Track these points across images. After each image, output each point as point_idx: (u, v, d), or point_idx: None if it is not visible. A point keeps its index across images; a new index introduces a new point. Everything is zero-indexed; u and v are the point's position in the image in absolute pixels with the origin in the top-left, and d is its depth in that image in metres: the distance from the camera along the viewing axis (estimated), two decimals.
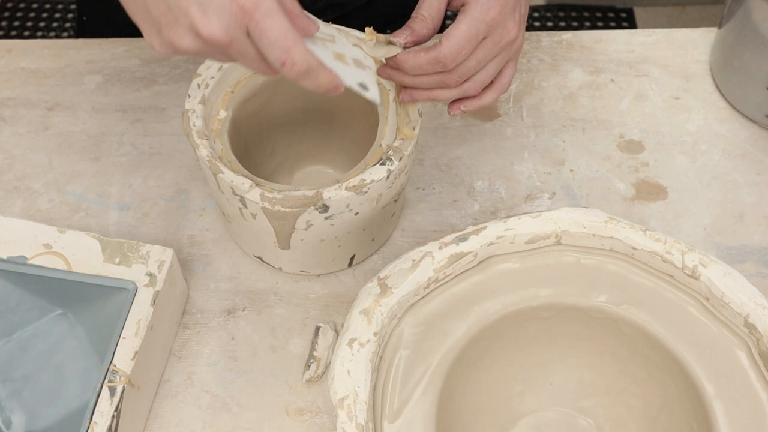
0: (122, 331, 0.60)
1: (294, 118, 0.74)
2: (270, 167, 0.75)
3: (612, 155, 0.79)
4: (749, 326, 0.56)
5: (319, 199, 0.61)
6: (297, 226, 0.63)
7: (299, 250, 0.67)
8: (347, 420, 0.52)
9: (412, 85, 0.62)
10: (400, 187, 0.67)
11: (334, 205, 0.61)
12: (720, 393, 0.55)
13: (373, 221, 0.67)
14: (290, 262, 0.69)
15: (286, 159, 0.77)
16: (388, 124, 0.65)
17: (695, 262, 0.58)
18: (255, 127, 0.71)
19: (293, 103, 0.72)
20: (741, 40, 0.78)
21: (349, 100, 0.68)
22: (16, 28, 2.00)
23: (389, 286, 0.57)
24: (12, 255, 0.64)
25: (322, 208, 0.61)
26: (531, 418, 0.62)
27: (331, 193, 0.61)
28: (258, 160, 0.73)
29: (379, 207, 0.65)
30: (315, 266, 0.70)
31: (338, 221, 0.64)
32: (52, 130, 0.81)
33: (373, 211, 0.65)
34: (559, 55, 0.87)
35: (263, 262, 0.71)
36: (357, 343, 0.55)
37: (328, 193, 0.61)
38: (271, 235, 0.65)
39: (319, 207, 0.61)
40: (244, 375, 0.67)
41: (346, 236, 0.66)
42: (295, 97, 0.72)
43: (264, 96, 0.70)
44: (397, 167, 0.62)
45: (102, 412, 0.57)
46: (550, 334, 0.61)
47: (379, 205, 0.65)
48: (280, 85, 0.70)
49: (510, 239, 0.60)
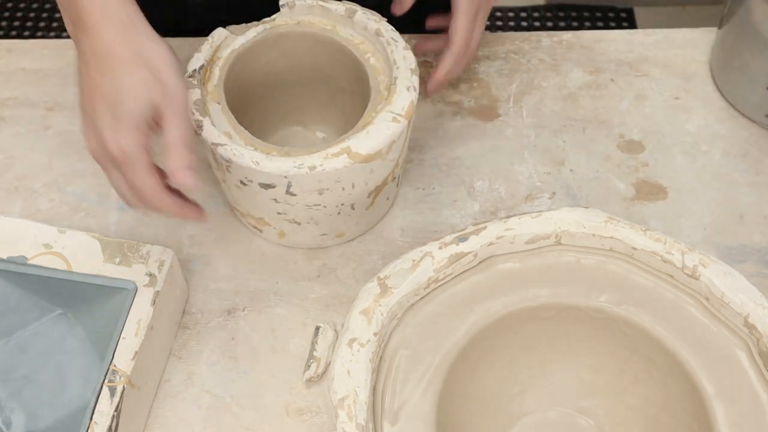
0: (122, 331, 0.60)
1: (277, 78, 0.74)
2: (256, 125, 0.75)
3: (612, 155, 0.79)
4: (749, 326, 0.56)
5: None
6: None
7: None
8: (347, 420, 0.52)
9: (438, 78, 0.75)
10: (397, 155, 0.67)
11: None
12: (720, 393, 0.55)
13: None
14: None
15: (267, 121, 0.77)
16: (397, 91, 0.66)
17: (695, 262, 0.58)
18: (234, 96, 0.72)
19: (283, 62, 0.73)
20: (741, 40, 0.78)
21: (340, 63, 0.71)
22: (16, 28, 2.00)
23: (389, 286, 0.57)
24: (12, 255, 0.64)
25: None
26: (531, 418, 0.62)
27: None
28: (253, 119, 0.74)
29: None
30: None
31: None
32: (52, 130, 0.81)
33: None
34: (559, 55, 0.87)
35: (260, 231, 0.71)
36: (357, 343, 0.55)
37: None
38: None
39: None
40: (244, 375, 0.67)
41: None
42: (288, 57, 0.73)
43: (255, 55, 0.71)
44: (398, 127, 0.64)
45: (102, 412, 0.57)
46: (550, 334, 0.61)
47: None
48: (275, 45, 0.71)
49: (510, 239, 0.60)
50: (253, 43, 0.70)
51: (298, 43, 0.72)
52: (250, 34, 0.71)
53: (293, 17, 0.71)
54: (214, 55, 0.69)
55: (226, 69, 0.68)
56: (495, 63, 0.86)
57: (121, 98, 0.55)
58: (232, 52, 0.70)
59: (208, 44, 0.69)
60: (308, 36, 0.71)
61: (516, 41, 0.88)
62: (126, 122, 0.55)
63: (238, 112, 0.68)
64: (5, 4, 2.04)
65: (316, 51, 0.72)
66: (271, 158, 0.62)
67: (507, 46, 0.87)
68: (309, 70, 0.74)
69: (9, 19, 2.02)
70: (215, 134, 0.64)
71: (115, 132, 0.55)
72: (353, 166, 0.63)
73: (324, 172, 0.62)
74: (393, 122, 0.64)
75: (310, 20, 0.71)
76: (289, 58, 0.73)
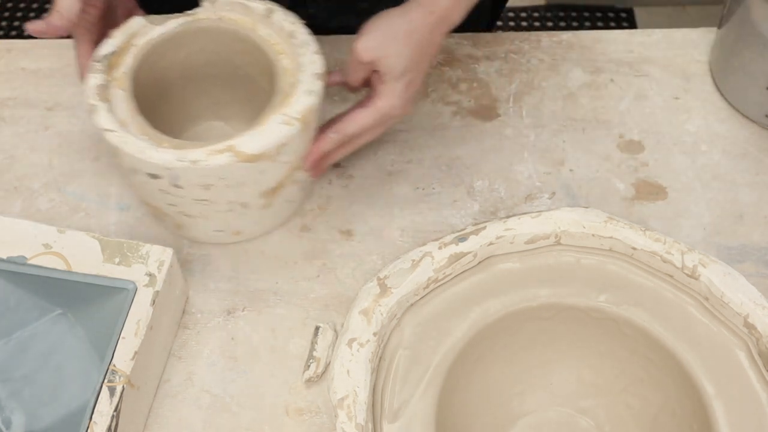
0: (122, 331, 0.60)
1: (197, 72, 0.74)
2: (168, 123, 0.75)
3: (612, 155, 0.79)
4: (749, 326, 0.56)
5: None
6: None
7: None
8: (347, 420, 0.52)
9: (319, 151, 0.68)
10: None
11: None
12: (720, 393, 0.55)
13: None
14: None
15: (185, 114, 0.77)
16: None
17: (695, 262, 0.58)
18: (151, 87, 0.72)
19: (197, 57, 0.73)
20: (741, 40, 0.78)
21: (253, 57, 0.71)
22: (16, 28, 2.00)
23: (389, 286, 0.57)
24: (12, 255, 0.64)
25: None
26: (531, 418, 0.62)
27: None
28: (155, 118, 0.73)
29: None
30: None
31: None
32: (52, 130, 0.81)
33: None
34: (559, 55, 0.87)
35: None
36: (357, 343, 0.55)
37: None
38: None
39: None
40: (244, 375, 0.67)
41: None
42: (199, 51, 0.73)
43: (165, 50, 0.71)
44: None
45: (102, 412, 0.57)
46: (550, 334, 0.61)
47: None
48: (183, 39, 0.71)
49: (510, 239, 0.60)
50: (172, 34, 0.70)
51: (217, 39, 0.72)
52: (170, 25, 0.70)
53: (215, 12, 0.71)
54: (129, 42, 0.69)
55: (139, 57, 0.68)
56: (495, 63, 0.86)
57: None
58: (148, 42, 0.69)
59: (122, 31, 0.69)
60: (228, 32, 0.71)
61: (516, 41, 0.88)
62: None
63: (155, 102, 0.68)
64: (5, 4, 2.04)
65: (236, 48, 0.72)
66: (156, 149, 0.63)
67: (507, 46, 0.87)
68: (229, 67, 0.74)
69: (9, 19, 2.02)
70: (108, 120, 0.64)
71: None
72: (237, 165, 0.63)
73: (207, 167, 0.62)
74: (285, 125, 0.63)
75: (231, 17, 0.71)
76: (208, 53, 0.73)
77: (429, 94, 0.83)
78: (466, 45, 0.87)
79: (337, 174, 0.78)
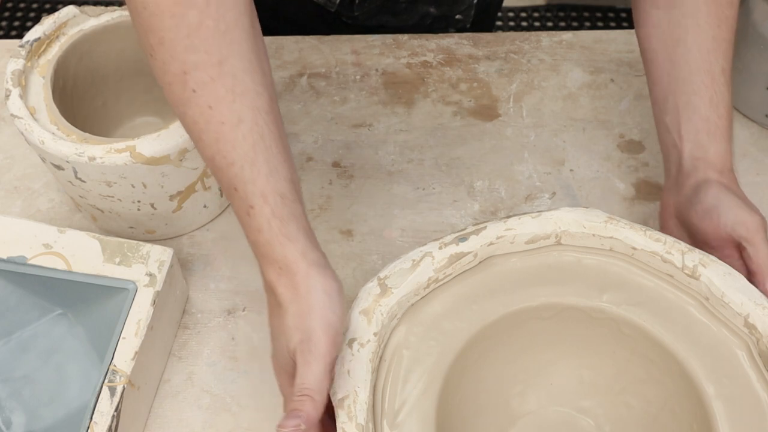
0: (122, 331, 0.60)
1: (133, 67, 0.74)
2: (99, 119, 0.75)
3: (612, 155, 0.79)
4: (749, 326, 0.56)
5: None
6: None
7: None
8: (347, 420, 0.52)
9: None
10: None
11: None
12: (720, 393, 0.55)
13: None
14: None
15: (120, 109, 0.77)
16: None
17: (695, 262, 0.58)
18: (83, 79, 0.71)
19: (123, 54, 0.73)
20: (741, 40, 0.78)
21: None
22: (16, 28, 2.00)
23: (389, 286, 0.57)
24: (12, 255, 0.64)
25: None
26: (531, 418, 0.62)
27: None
28: (89, 112, 0.74)
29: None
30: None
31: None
32: None
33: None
34: (559, 55, 0.87)
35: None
36: (357, 343, 0.55)
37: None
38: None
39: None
40: (244, 375, 0.67)
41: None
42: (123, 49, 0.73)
43: (88, 47, 0.71)
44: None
45: (102, 412, 0.57)
46: (550, 334, 0.61)
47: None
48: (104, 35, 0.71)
49: (510, 239, 0.60)
50: (105, 27, 0.70)
51: None
52: (104, 18, 0.70)
53: None
54: (58, 31, 0.69)
55: (66, 47, 0.69)
56: (495, 63, 0.86)
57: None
58: (79, 32, 0.70)
59: (52, 19, 0.70)
60: None
61: (516, 41, 0.88)
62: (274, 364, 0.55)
63: (89, 94, 0.68)
64: (5, 4, 2.04)
65: None
66: (57, 140, 0.63)
67: (507, 46, 0.87)
68: None
69: (9, 19, 2.02)
70: (18, 107, 0.64)
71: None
72: (135, 166, 0.63)
73: (105, 165, 0.63)
74: None
75: None
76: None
77: (429, 94, 0.83)
78: (467, 45, 0.87)
79: (338, 174, 0.78)
